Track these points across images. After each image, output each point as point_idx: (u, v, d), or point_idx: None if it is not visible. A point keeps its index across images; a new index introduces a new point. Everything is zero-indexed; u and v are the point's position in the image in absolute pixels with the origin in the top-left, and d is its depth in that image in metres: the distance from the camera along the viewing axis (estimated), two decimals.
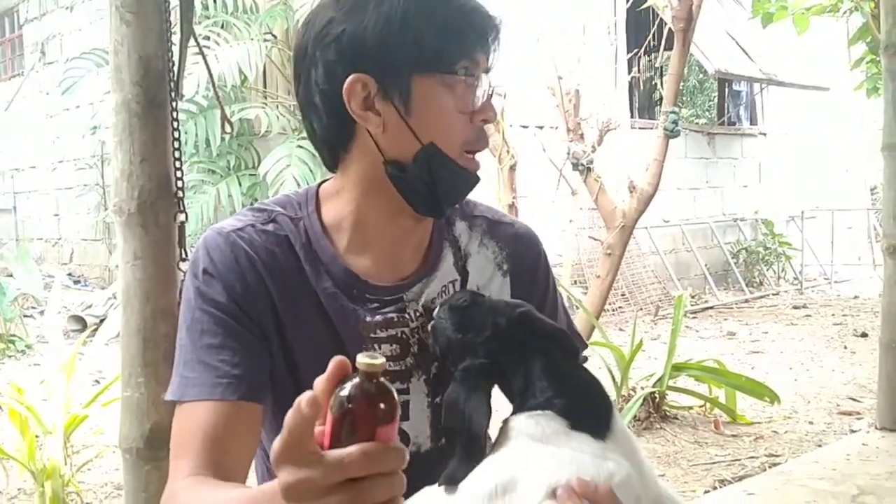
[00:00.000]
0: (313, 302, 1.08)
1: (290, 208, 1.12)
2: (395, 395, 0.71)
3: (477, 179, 1.08)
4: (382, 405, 0.70)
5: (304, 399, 0.68)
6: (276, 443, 0.69)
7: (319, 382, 0.70)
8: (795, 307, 7.29)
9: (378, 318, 1.11)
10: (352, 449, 0.68)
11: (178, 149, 1.54)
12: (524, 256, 1.22)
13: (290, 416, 0.68)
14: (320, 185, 1.15)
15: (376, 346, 1.12)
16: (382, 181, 1.05)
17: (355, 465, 0.68)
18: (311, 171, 5.35)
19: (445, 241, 1.17)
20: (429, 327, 1.06)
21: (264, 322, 1.04)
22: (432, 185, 1.05)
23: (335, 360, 0.71)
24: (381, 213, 1.09)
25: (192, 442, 0.98)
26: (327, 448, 0.69)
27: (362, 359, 0.68)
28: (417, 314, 1.12)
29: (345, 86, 1.00)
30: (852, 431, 3.47)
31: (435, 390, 1.14)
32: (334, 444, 0.69)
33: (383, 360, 0.69)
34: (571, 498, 0.84)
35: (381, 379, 0.70)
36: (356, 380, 0.69)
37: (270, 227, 1.08)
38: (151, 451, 1.54)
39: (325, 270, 1.09)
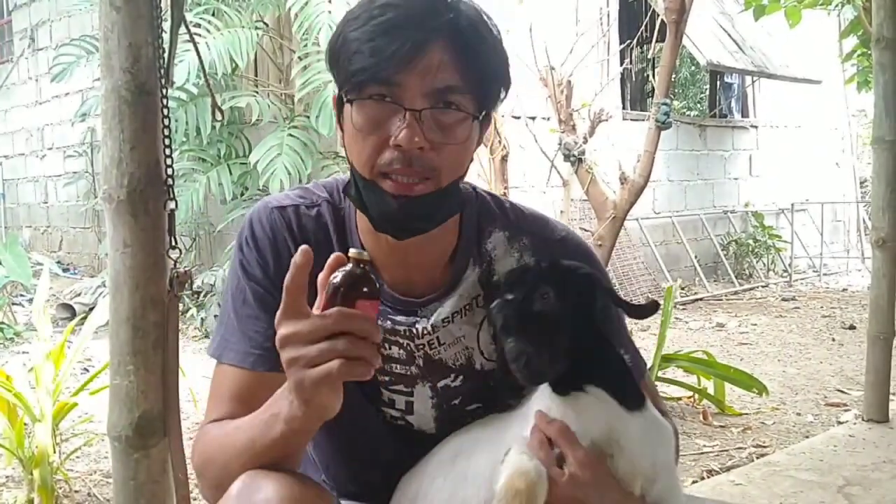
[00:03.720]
0: None
1: (335, 196, 1.17)
2: (376, 281, 0.91)
3: (409, 204, 1.02)
4: (364, 286, 0.89)
5: (298, 251, 0.88)
6: (280, 308, 0.89)
7: (322, 274, 0.89)
8: (784, 299, 7.33)
9: (388, 324, 1.14)
10: (333, 310, 0.87)
11: (168, 136, 1.54)
12: None
13: (288, 275, 0.88)
14: None
15: (386, 345, 1.15)
16: None
17: (333, 321, 0.86)
18: (301, 160, 5.34)
19: (471, 258, 1.15)
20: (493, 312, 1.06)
21: None
22: (362, 204, 1.08)
23: (333, 255, 0.90)
24: (365, 227, 1.12)
25: (225, 397, 1.11)
26: None
27: (353, 251, 0.89)
28: (425, 332, 1.14)
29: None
30: (839, 423, 3.50)
31: (441, 398, 1.17)
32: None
33: (368, 252, 0.91)
34: (534, 432, 1.00)
35: (366, 267, 0.90)
36: (347, 266, 0.89)
37: (314, 211, 1.15)
38: (140, 439, 1.53)
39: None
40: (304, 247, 0.88)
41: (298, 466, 1.04)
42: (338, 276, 0.88)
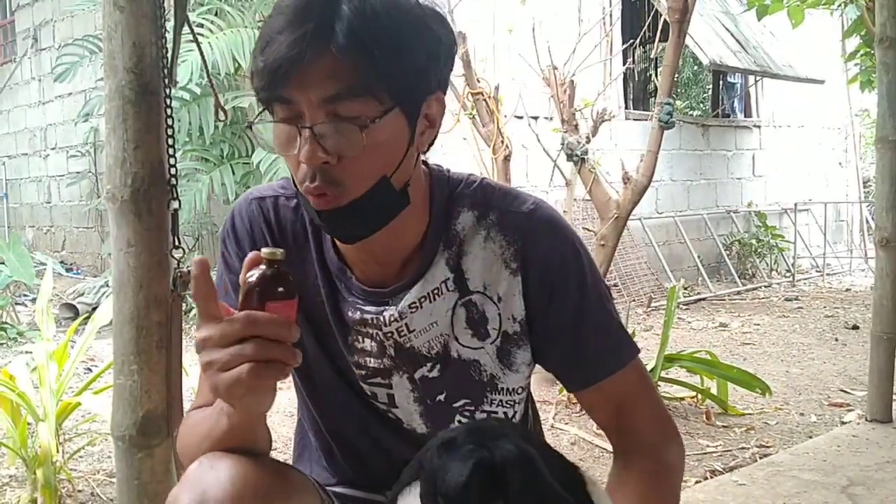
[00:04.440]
0: (314, 281, 1.14)
1: None
2: (293, 281, 0.88)
3: (328, 217, 1.01)
4: (279, 286, 0.86)
5: (193, 263, 0.88)
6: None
7: (241, 274, 0.88)
8: (787, 299, 7.32)
9: (357, 315, 1.13)
10: (240, 314, 0.86)
11: (172, 136, 1.54)
12: (536, 250, 1.11)
13: (191, 284, 0.88)
14: None
15: (360, 338, 1.14)
16: None
17: (240, 325, 0.85)
18: None
19: (441, 242, 1.12)
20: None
21: None
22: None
23: (250, 255, 0.88)
24: None
25: (205, 386, 1.10)
26: None
27: (265, 250, 0.86)
28: (392, 319, 1.12)
29: None
30: (843, 423, 3.49)
31: (422, 391, 1.15)
32: None
33: (282, 251, 0.86)
34: None
35: (280, 267, 0.87)
36: (261, 266, 0.86)
37: (293, 202, 1.15)
38: (144, 438, 1.53)
39: (327, 256, 1.14)
40: (198, 258, 0.87)
41: (265, 450, 1.07)
42: (253, 276, 0.87)
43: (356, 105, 0.95)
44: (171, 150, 1.54)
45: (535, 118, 6.21)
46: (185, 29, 1.59)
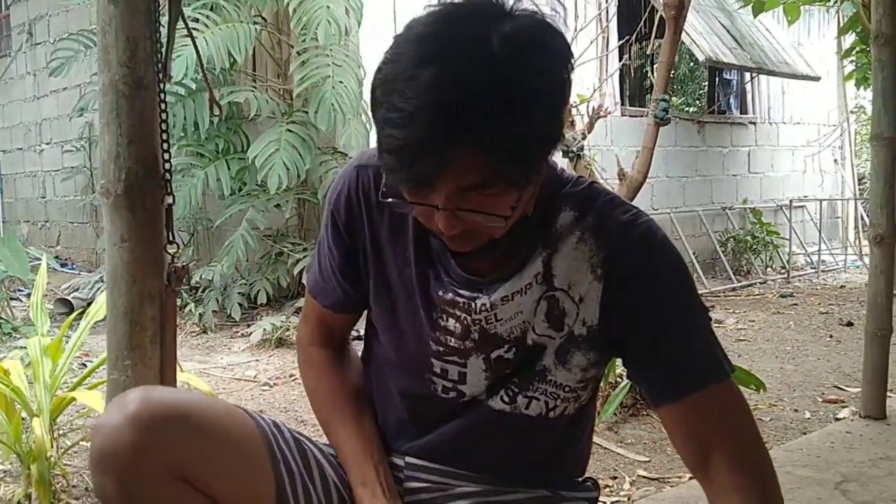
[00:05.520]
0: (405, 256, 1.19)
1: None
2: None
3: (470, 255, 1.10)
4: None
5: None
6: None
7: None
8: (782, 296, 7.33)
9: (449, 295, 1.17)
10: None
11: (166, 131, 1.53)
12: (624, 260, 1.10)
13: None
14: None
15: (444, 317, 1.18)
16: None
17: None
18: (300, 155, 5.33)
19: (540, 240, 1.13)
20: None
21: (363, 247, 1.23)
22: None
23: None
24: None
25: (312, 317, 1.37)
26: None
27: None
28: (483, 308, 1.14)
29: None
30: (837, 419, 3.50)
31: (494, 370, 1.18)
32: None
33: None
34: None
35: None
36: None
37: None
38: None
39: (426, 231, 1.14)
40: None
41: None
42: None
43: (497, 189, 0.97)
44: (165, 145, 1.53)
45: None
46: (180, 23, 1.58)
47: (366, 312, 1.32)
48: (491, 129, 0.90)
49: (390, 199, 1.03)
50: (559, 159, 4.39)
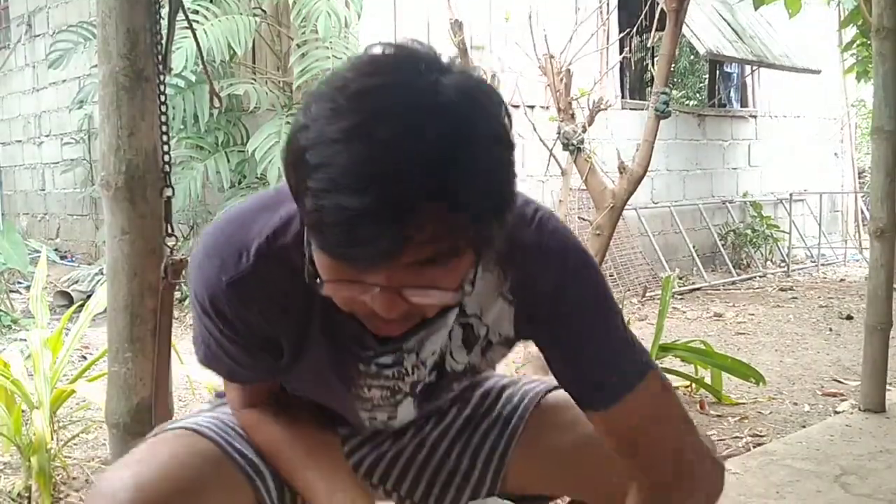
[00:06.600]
0: (317, 345, 1.07)
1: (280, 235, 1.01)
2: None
3: (399, 338, 1.05)
4: None
5: None
6: None
7: None
8: (782, 289, 7.33)
9: (373, 368, 1.10)
10: None
11: (166, 123, 1.53)
12: (530, 286, 1.05)
13: None
14: None
15: (366, 388, 1.12)
16: None
17: None
18: None
19: None
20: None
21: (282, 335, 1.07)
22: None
23: None
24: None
25: (237, 388, 1.20)
26: None
27: None
28: (415, 368, 1.10)
29: None
30: (836, 412, 3.50)
31: (422, 398, 1.17)
32: None
33: None
34: None
35: None
36: None
37: (274, 268, 1.00)
38: (138, 426, 1.53)
39: (334, 324, 1.04)
40: None
41: None
42: None
43: (452, 262, 0.84)
44: (165, 138, 1.53)
45: (532, 107, 6.19)
46: (180, 15, 1.58)
47: None
48: (457, 182, 0.78)
49: (323, 283, 0.87)
50: (559, 152, 4.38)
